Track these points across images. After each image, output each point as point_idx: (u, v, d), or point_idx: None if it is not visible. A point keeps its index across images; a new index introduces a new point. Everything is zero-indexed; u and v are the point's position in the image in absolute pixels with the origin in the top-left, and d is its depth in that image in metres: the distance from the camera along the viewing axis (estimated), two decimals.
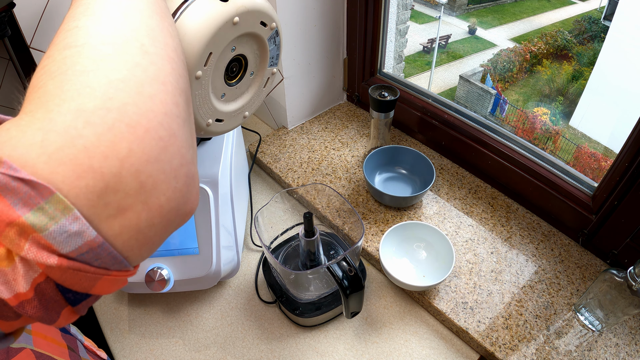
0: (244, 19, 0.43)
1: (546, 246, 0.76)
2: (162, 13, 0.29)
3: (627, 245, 0.68)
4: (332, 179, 0.89)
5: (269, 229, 0.79)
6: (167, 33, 0.28)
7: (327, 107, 1.09)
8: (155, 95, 0.23)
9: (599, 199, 0.70)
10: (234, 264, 0.72)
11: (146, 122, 0.21)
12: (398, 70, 3.58)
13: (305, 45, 0.93)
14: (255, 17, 0.44)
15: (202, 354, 0.67)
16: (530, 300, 0.68)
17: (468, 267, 0.73)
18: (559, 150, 4.67)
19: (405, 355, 0.66)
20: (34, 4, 0.70)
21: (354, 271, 0.56)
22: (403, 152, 0.88)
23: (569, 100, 5.14)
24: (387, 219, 0.81)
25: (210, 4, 0.40)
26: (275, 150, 0.97)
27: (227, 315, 0.72)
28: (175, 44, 0.28)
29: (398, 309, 0.71)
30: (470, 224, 0.80)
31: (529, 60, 5.61)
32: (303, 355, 0.66)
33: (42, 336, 0.51)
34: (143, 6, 0.27)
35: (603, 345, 0.63)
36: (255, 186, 0.95)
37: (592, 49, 5.38)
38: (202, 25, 0.40)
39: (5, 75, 1.03)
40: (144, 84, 0.22)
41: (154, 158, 0.21)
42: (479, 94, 5.42)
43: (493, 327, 0.65)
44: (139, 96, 0.22)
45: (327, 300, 0.67)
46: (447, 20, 6.89)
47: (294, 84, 0.97)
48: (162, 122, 0.22)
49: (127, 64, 0.22)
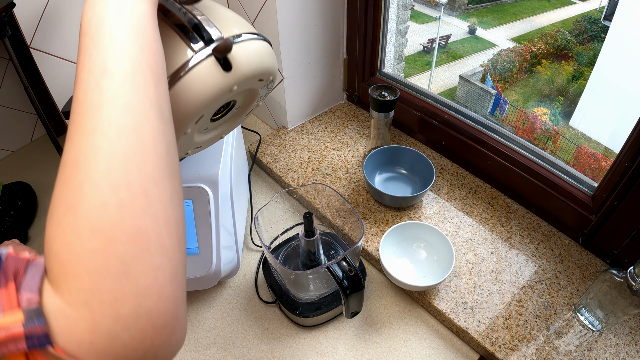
0: (242, 84, 0.42)
1: (546, 246, 0.76)
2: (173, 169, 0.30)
3: (627, 245, 0.68)
4: (332, 179, 0.89)
5: (269, 229, 0.79)
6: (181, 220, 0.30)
7: (327, 107, 1.09)
8: (171, 295, 0.26)
9: (599, 199, 0.70)
10: (234, 264, 0.72)
11: (164, 320, 0.26)
12: (398, 70, 3.58)
13: (305, 45, 0.93)
14: (255, 79, 0.43)
15: (202, 354, 0.67)
16: (530, 300, 0.68)
17: (468, 267, 0.73)
18: (559, 150, 4.67)
19: (405, 355, 0.66)
20: (34, 4, 0.70)
21: (354, 271, 0.56)
22: (403, 152, 0.88)
23: (569, 100, 5.14)
24: (387, 219, 0.81)
25: (212, 72, 0.39)
26: (275, 150, 0.97)
27: (227, 315, 0.72)
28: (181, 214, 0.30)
29: (398, 309, 0.71)
30: (470, 224, 0.80)
31: (529, 60, 5.61)
32: (303, 355, 0.66)
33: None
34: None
35: (603, 345, 0.63)
36: (255, 186, 0.95)
37: (592, 49, 5.38)
38: (200, 94, 0.39)
39: (5, 75, 1.03)
40: (165, 287, 0.26)
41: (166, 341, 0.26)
42: (479, 94, 5.42)
43: (493, 327, 0.65)
44: (160, 300, 0.25)
45: (327, 300, 0.67)
46: (447, 20, 6.90)
47: (294, 84, 0.97)
48: (175, 314, 0.27)
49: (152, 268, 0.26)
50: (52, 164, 1.09)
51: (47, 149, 1.13)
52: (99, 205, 0.24)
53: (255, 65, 0.42)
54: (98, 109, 0.27)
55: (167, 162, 0.29)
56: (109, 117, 0.27)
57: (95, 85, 0.27)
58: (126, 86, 0.28)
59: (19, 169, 1.08)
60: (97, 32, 0.29)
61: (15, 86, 1.05)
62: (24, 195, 0.96)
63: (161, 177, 0.27)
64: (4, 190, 0.96)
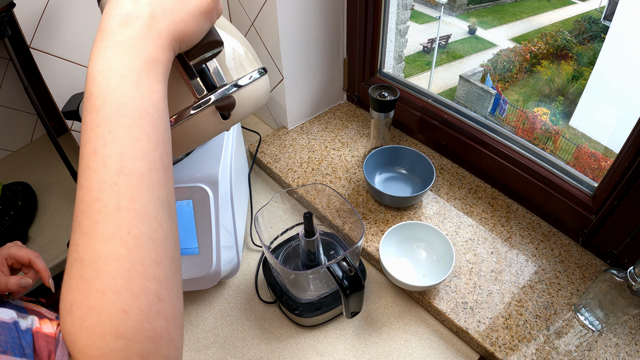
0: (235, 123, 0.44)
1: (546, 246, 0.76)
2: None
3: (627, 245, 0.68)
4: (332, 179, 0.89)
5: (269, 229, 0.79)
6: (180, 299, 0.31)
7: (327, 107, 1.09)
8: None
9: (599, 199, 0.70)
10: (234, 264, 0.72)
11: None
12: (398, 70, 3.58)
13: (305, 45, 0.93)
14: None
15: (202, 354, 0.67)
16: (530, 300, 0.68)
17: (468, 267, 0.73)
18: (559, 150, 4.67)
19: (405, 355, 0.66)
20: (34, 4, 0.70)
21: (354, 271, 0.56)
22: (403, 152, 0.88)
23: (569, 100, 5.14)
24: (387, 219, 0.81)
25: (211, 120, 0.40)
26: (275, 150, 0.97)
27: (227, 315, 0.72)
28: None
29: (398, 309, 0.71)
30: (470, 224, 0.80)
31: (529, 60, 5.60)
32: (303, 355, 0.66)
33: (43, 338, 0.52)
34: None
35: (603, 345, 0.63)
36: (255, 186, 0.95)
37: (592, 49, 5.38)
38: (199, 135, 0.41)
39: (5, 75, 1.03)
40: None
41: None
42: (479, 94, 5.42)
43: (493, 327, 0.65)
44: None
45: (327, 300, 0.67)
46: (447, 20, 6.89)
47: (294, 84, 0.97)
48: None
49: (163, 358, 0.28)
50: (52, 164, 1.09)
51: (47, 149, 1.13)
52: (121, 312, 0.26)
53: (252, 108, 0.44)
54: (116, 213, 0.27)
55: (174, 261, 0.30)
56: (127, 224, 0.27)
57: (112, 183, 0.28)
58: (142, 188, 0.28)
59: (19, 169, 1.08)
60: (113, 117, 0.29)
61: (15, 86, 1.05)
62: (24, 195, 0.96)
63: (171, 279, 0.29)
64: (4, 190, 0.96)
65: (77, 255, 0.27)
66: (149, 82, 0.31)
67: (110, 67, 0.30)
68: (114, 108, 0.29)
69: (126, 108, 0.29)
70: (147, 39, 0.31)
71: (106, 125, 0.29)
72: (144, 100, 0.30)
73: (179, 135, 0.40)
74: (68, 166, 0.82)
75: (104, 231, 0.27)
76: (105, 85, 0.29)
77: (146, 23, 0.32)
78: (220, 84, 0.41)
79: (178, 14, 0.33)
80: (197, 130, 0.41)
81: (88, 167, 0.28)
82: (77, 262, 0.27)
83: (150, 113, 0.30)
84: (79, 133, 0.87)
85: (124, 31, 0.31)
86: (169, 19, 0.32)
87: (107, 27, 0.31)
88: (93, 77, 0.30)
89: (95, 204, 0.27)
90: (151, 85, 0.31)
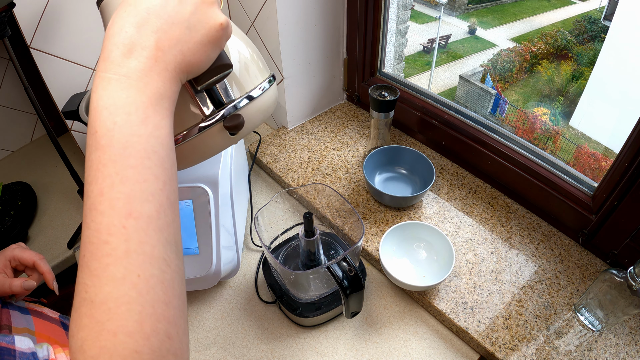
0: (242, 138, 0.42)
1: (546, 246, 0.76)
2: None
3: (627, 245, 0.68)
4: (332, 179, 0.89)
5: (269, 229, 0.79)
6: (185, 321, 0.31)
7: (327, 107, 1.09)
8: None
9: (599, 199, 0.70)
10: (234, 264, 0.72)
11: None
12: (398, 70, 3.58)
13: (305, 45, 0.93)
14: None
15: (202, 354, 0.67)
16: (530, 300, 0.68)
17: (468, 267, 0.73)
18: (559, 150, 4.67)
19: (405, 355, 0.66)
20: (34, 4, 0.70)
21: (354, 271, 0.56)
22: (403, 152, 0.88)
23: (569, 100, 5.14)
24: (387, 219, 0.81)
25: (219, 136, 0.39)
26: (275, 150, 0.97)
27: (227, 315, 0.72)
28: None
29: (398, 309, 0.71)
30: (470, 224, 0.80)
31: (529, 60, 5.60)
32: (303, 355, 0.66)
33: (45, 338, 0.52)
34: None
35: (603, 345, 0.63)
36: (255, 186, 0.95)
37: (592, 49, 5.38)
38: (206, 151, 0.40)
39: (5, 75, 1.03)
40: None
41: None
42: (479, 94, 5.42)
43: (493, 327, 0.65)
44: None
45: (327, 300, 0.67)
46: (447, 20, 6.89)
47: (294, 84, 0.97)
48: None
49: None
50: (52, 164, 1.09)
51: (47, 149, 1.13)
52: (133, 352, 0.26)
53: (262, 119, 0.42)
54: (126, 257, 0.27)
55: (182, 298, 0.30)
56: (137, 268, 0.27)
57: (120, 227, 0.27)
58: (151, 231, 0.28)
59: (19, 169, 1.08)
60: (120, 157, 0.28)
61: (15, 86, 1.05)
62: (24, 195, 0.96)
63: (180, 316, 0.29)
64: (4, 190, 0.96)
65: (87, 296, 0.27)
66: (156, 118, 0.30)
67: (115, 103, 0.29)
68: (120, 148, 0.28)
69: (133, 148, 0.28)
70: (153, 71, 0.30)
71: (113, 166, 0.28)
72: (152, 139, 0.29)
73: (185, 151, 0.39)
74: (68, 166, 0.82)
75: (114, 274, 0.27)
76: (110, 122, 0.28)
77: (152, 55, 0.30)
78: (229, 100, 0.39)
79: (186, 45, 0.31)
80: (205, 146, 0.39)
81: (95, 209, 0.28)
82: (86, 302, 0.27)
83: (158, 152, 0.29)
84: (79, 133, 0.87)
85: (129, 62, 0.29)
86: (175, 50, 0.31)
87: (110, 57, 0.29)
88: (98, 112, 0.29)
89: (104, 247, 0.27)
90: (158, 121, 0.30)
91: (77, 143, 0.88)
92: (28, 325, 0.52)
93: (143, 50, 0.30)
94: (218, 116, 0.38)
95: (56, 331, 0.55)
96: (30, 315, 0.54)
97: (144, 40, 0.30)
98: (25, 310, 0.55)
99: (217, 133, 0.39)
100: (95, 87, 0.29)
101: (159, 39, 0.30)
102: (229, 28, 0.33)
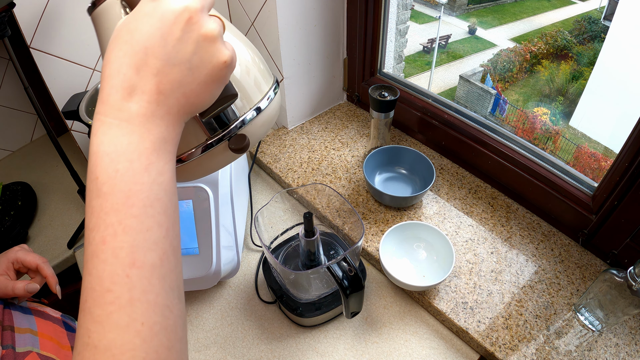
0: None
1: (546, 246, 0.76)
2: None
3: (627, 245, 0.68)
4: (332, 179, 0.89)
5: (269, 229, 0.79)
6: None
7: (327, 107, 1.09)
8: None
9: (599, 199, 0.70)
10: (234, 264, 0.72)
11: None
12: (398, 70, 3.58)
13: (305, 45, 0.93)
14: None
15: (202, 354, 0.67)
16: (530, 300, 0.68)
17: (468, 267, 0.73)
18: (559, 150, 4.67)
19: (405, 355, 0.66)
20: (34, 4, 0.70)
21: (354, 271, 0.56)
22: (403, 152, 0.88)
23: (569, 100, 5.14)
24: (387, 219, 0.81)
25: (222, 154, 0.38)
26: (275, 150, 0.97)
27: (227, 315, 0.72)
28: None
29: (398, 309, 0.71)
30: (470, 224, 0.80)
31: (529, 60, 5.60)
32: (303, 355, 0.66)
33: (48, 338, 0.52)
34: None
35: (603, 345, 0.63)
36: (255, 186, 0.95)
37: (592, 49, 5.38)
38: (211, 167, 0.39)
39: (5, 75, 1.03)
40: None
41: None
42: (479, 94, 5.42)
43: (493, 327, 0.65)
44: None
45: (327, 300, 0.67)
46: (447, 20, 6.89)
47: (294, 84, 0.97)
48: None
49: None
50: (52, 164, 1.09)
51: (47, 149, 1.13)
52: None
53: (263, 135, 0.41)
54: (129, 305, 0.27)
55: (183, 340, 0.30)
56: (140, 316, 0.27)
57: (124, 276, 0.27)
58: (154, 279, 0.28)
59: (19, 169, 1.08)
60: (123, 206, 0.27)
61: (15, 86, 1.05)
62: (24, 195, 0.96)
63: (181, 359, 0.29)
64: (4, 190, 0.96)
65: (90, 341, 0.26)
66: (159, 164, 0.29)
67: (117, 150, 0.27)
68: (123, 197, 0.27)
69: (136, 197, 0.28)
70: (155, 116, 0.28)
71: (115, 215, 0.27)
72: (155, 186, 0.28)
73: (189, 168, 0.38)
74: (68, 166, 0.82)
75: (118, 322, 0.26)
76: (112, 170, 0.27)
77: (154, 99, 0.28)
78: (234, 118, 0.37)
79: (188, 87, 0.29)
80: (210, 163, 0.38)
81: (97, 257, 0.27)
82: (90, 347, 0.27)
83: (161, 199, 0.29)
84: (79, 133, 0.87)
85: (129, 106, 0.28)
86: (178, 92, 0.29)
87: (109, 100, 0.28)
88: (99, 158, 0.28)
89: (107, 295, 0.27)
90: (162, 167, 0.29)
91: (77, 143, 0.88)
92: (30, 325, 0.52)
93: (143, 94, 0.28)
94: (223, 134, 0.37)
95: (58, 331, 0.55)
96: (32, 316, 0.54)
97: (143, 83, 0.28)
98: (28, 310, 0.55)
99: (221, 151, 0.37)
100: (95, 130, 0.28)
101: (159, 82, 0.28)
102: (233, 63, 0.31)
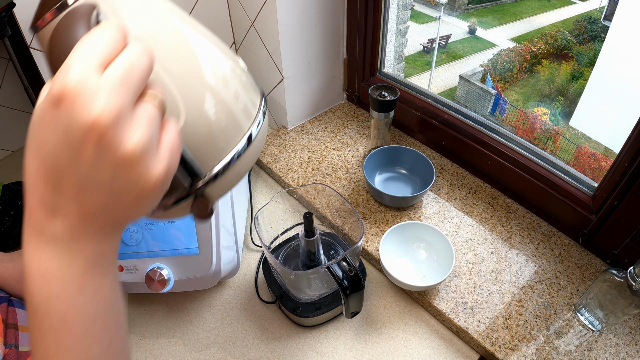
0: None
1: (546, 246, 0.76)
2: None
3: (627, 245, 0.68)
4: (332, 179, 0.89)
5: (269, 229, 0.79)
6: None
7: (327, 107, 1.09)
8: None
9: (599, 199, 0.70)
10: (234, 264, 0.72)
11: None
12: (398, 70, 3.58)
13: (305, 45, 0.93)
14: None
15: (202, 354, 0.67)
16: (530, 300, 0.68)
17: (468, 267, 0.73)
18: (559, 150, 4.67)
19: (405, 355, 0.66)
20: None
21: (354, 271, 0.56)
22: (403, 152, 0.88)
23: (569, 100, 5.14)
24: (387, 219, 0.81)
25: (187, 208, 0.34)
26: (275, 150, 0.97)
27: (227, 315, 0.72)
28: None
29: (398, 309, 0.71)
30: (470, 224, 0.80)
31: (529, 60, 5.61)
32: (303, 355, 0.66)
33: None
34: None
35: (603, 345, 0.63)
36: (255, 186, 0.95)
37: (592, 49, 5.39)
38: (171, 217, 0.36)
39: (5, 75, 1.03)
40: None
41: None
42: (479, 94, 5.42)
43: (493, 327, 0.65)
44: None
45: (327, 300, 0.67)
46: (447, 20, 6.90)
47: (294, 84, 0.97)
48: None
49: None
50: None
51: None
52: None
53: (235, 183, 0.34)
54: None
55: None
56: None
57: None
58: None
59: (19, 169, 1.08)
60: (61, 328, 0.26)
61: (15, 86, 1.05)
62: (24, 195, 0.96)
63: None
64: (4, 190, 0.96)
65: None
66: (95, 282, 0.27)
67: (48, 271, 0.25)
68: (59, 319, 0.26)
69: (73, 320, 0.26)
70: (84, 236, 0.26)
71: (54, 335, 0.26)
72: (92, 306, 0.27)
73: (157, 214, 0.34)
74: None
75: None
76: (45, 293, 0.25)
77: (79, 218, 0.25)
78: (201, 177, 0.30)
79: (115, 209, 0.26)
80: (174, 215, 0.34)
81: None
82: None
83: (100, 315, 0.27)
84: None
85: (55, 225, 0.25)
86: (105, 215, 0.26)
87: (34, 217, 0.25)
88: (31, 277, 0.26)
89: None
90: (98, 283, 0.27)
91: None
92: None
93: (66, 217, 0.25)
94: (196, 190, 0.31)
95: None
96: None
97: (65, 206, 0.25)
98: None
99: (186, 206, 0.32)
100: (25, 244, 0.26)
101: (82, 205, 0.25)
102: (166, 181, 0.26)
